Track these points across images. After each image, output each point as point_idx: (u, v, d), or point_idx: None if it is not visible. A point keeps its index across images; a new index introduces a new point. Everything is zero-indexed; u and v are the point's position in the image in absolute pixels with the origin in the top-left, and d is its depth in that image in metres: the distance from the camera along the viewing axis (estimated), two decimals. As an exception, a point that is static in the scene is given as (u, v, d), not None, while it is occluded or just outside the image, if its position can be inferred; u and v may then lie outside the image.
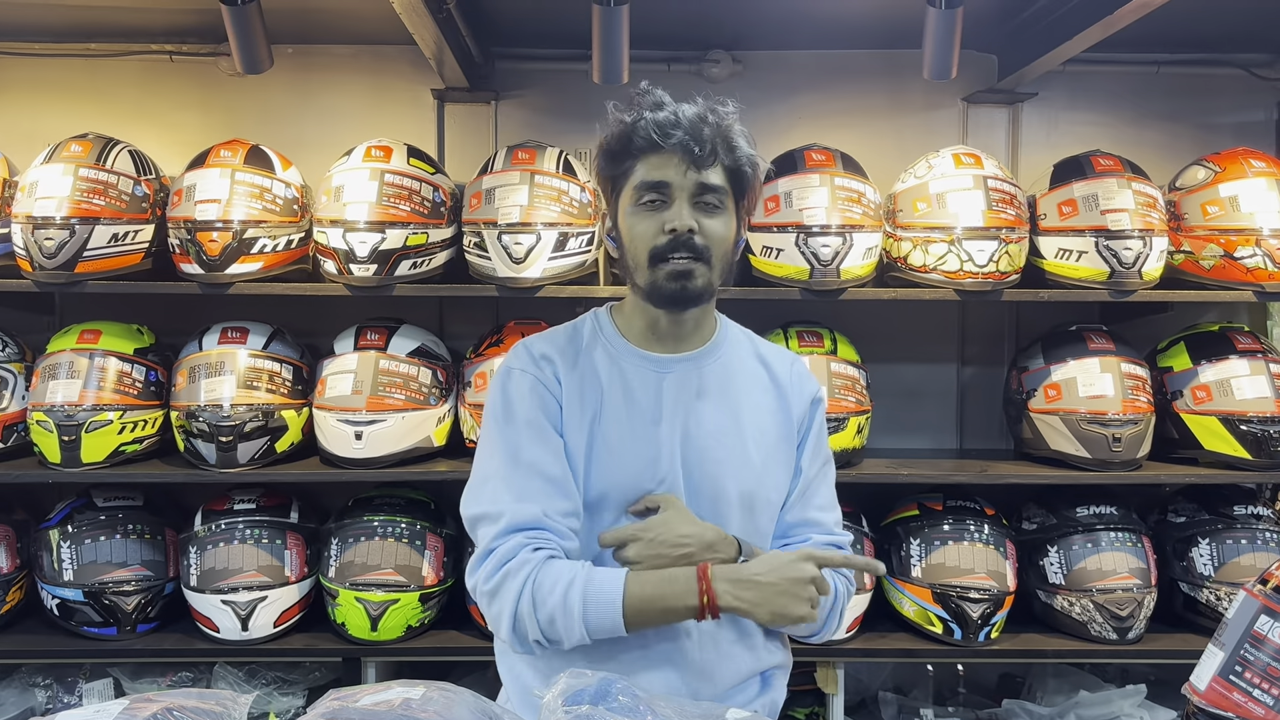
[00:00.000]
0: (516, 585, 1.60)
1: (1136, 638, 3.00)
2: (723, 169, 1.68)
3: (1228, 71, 3.59)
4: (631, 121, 1.67)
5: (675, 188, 1.65)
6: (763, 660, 1.79)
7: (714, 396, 1.75)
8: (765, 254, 3.02)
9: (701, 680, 1.70)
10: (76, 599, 2.96)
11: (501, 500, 1.66)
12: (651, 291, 1.69)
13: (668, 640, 1.70)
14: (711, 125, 1.66)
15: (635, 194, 1.68)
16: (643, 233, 1.67)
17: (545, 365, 1.74)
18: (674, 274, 1.65)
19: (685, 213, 1.65)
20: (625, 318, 1.80)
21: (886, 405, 3.34)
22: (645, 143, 1.65)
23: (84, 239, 2.89)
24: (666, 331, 1.76)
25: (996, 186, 3.00)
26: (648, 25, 2.92)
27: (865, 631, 3.08)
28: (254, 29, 2.83)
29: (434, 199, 3.00)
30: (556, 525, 1.65)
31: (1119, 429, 3.01)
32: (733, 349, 1.82)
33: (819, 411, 1.85)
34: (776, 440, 1.79)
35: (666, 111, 1.65)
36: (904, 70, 3.54)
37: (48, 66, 3.51)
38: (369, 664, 3.02)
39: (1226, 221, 3.03)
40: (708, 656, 1.71)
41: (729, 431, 1.73)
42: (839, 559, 1.69)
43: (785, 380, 1.82)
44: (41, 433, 2.95)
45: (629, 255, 1.71)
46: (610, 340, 1.78)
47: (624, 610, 1.58)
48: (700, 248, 1.65)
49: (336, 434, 2.97)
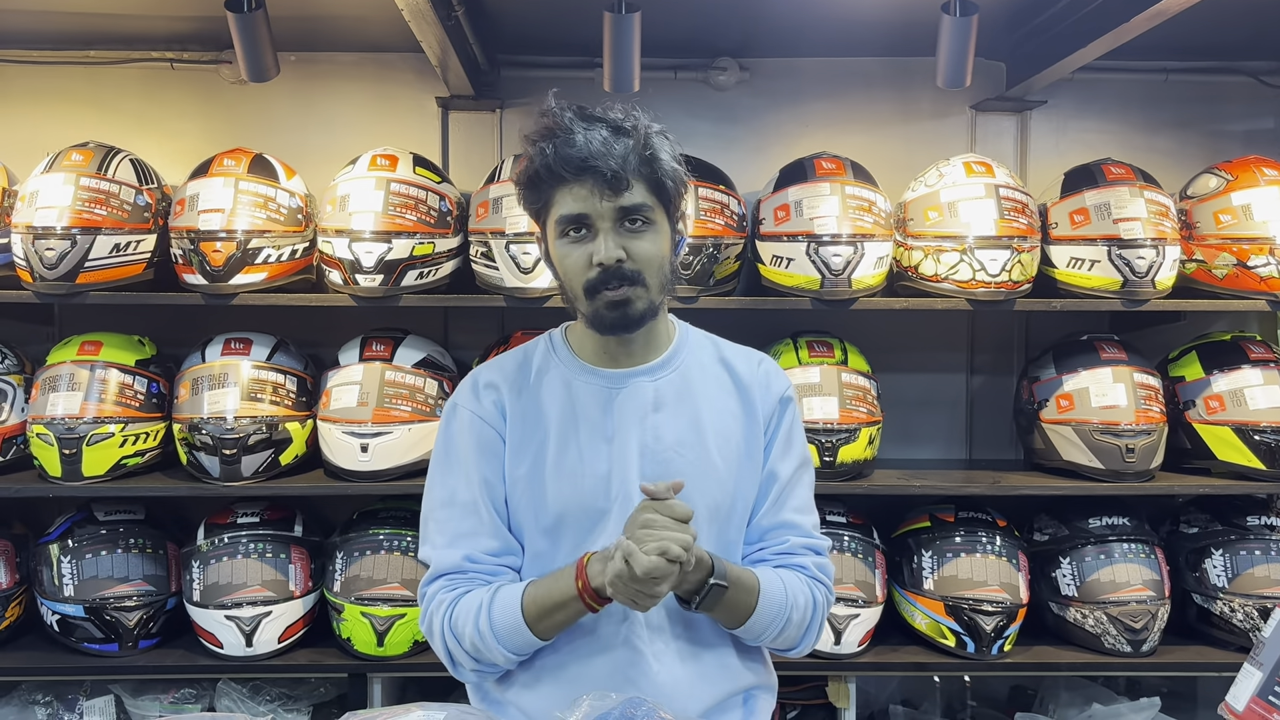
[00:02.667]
0: (439, 626, 1.67)
1: (1150, 650, 2.98)
2: (644, 185, 1.63)
3: (1237, 79, 3.57)
4: (536, 155, 1.62)
5: (595, 217, 1.61)
6: (740, 679, 1.76)
7: (672, 407, 1.72)
8: (775, 263, 2.99)
9: (673, 702, 1.65)
10: (77, 615, 2.91)
11: (434, 544, 1.73)
12: (594, 320, 1.67)
13: (630, 666, 1.67)
14: (623, 143, 1.61)
15: (558, 227, 1.64)
16: (572, 266, 1.64)
17: (488, 395, 1.74)
18: (611, 304, 1.63)
19: (610, 244, 1.61)
20: (578, 337, 1.78)
21: (896, 415, 3.31)
22: (554, 177, 1.61)
23: (85, 249, 2.85)
24: (617, 349, 1.74)
25: (1009, 195, 2.98)
26: (655, 33, 2.89)
27: (876, 645, 3.05)
28: (260, 36, 2.80)
29: (440, 208, 2.97)
30: (482, 565, 1.69)
31: (1132, 439, 2.98)
32: (692, 356, 1.78)
33: (789, 410, 1.79)
34: (742, 444, 1.75)
35: (577, 141, 1.59)
36: (912, 78, 3.52)
37: (48, 74, 3.47)
38: (375, 680, 2.97)
39: (1239, 230, 3.01)
40: (673, 676, 1.68)
41: (690, 442, 1.70)
42: (652, 487, 1.56)
43: (749, 380, 1.78)
44: (41, 446, 2.91)
45: (565, 286, 1.69)
46: (563, 360, 1.76)
47: (524, 616, 1.61)
48: (632, 273, 1.62)
49: (342, 446, 2.93)
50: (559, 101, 1.65)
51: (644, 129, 1.63)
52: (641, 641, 1.67)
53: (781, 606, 1.68)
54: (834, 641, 2.93)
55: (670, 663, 1.68)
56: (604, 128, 1.61)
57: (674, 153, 1.67)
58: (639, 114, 1.65)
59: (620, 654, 1.67)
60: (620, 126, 1.62)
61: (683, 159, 1.69)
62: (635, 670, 1.67)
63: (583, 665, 1.68)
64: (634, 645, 1.67)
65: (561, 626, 1.63)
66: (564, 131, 1.61)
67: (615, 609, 1.65)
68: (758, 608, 1.66)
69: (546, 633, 1.63)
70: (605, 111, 1.64)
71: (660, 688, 1.66)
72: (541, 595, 1.61)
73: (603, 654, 1.68)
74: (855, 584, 2.94)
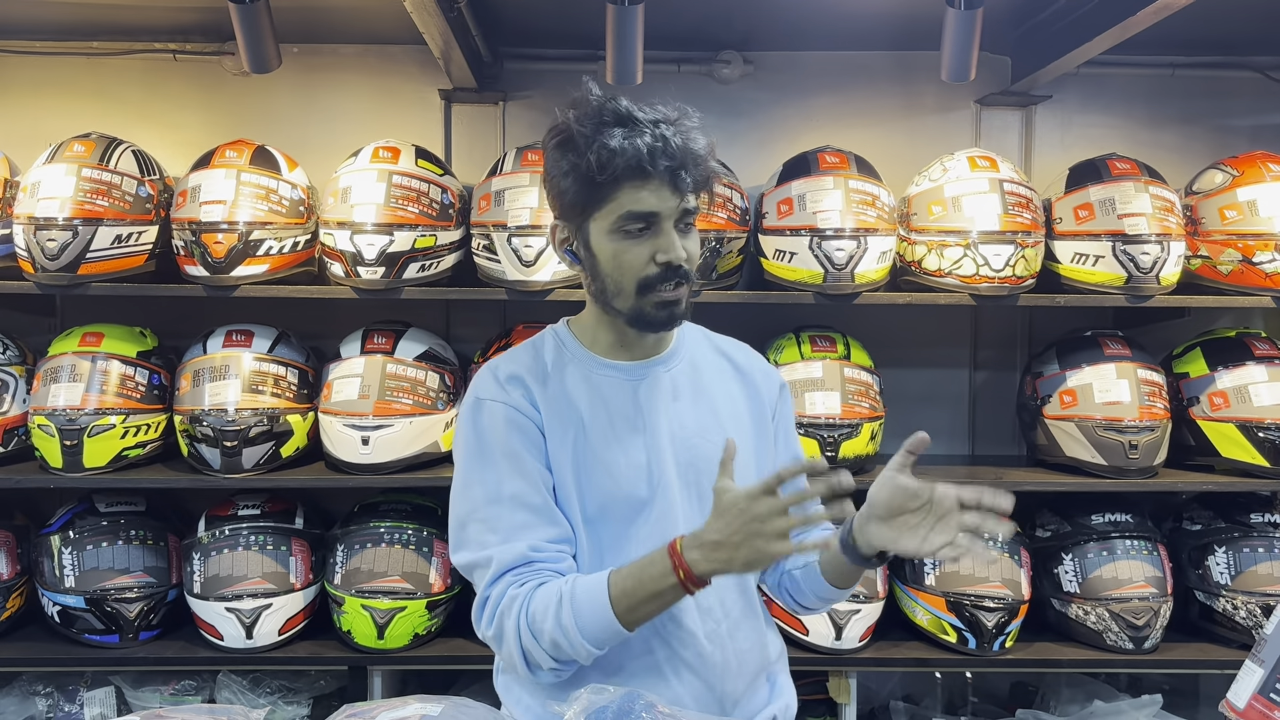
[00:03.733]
0: (513, 624, 1.58)
1: (1153, 647, 2.97)
2: (697, 186, 1.64)
3: (1243, 74, 3.55)
4: (614, 147, 1.57)
5: (664, 215, 1.61)
6: (770, 649, 1.81)
7: (688, 396, 1.76)
8: (778, 258, 2.98)
9: (726, 679, 1.70)
10: (78, 606, 2.91)
11: (488, 544, 1.63)
12: (635, 318, 1.66)
13: (686, 647, 1.68)
14: (692, 148, 1.61)
15: (619, 222, 1.61)
16: (631, 262, 1.62)
17: (515, 388, 1.69)
18: (663, 303, 1.64)
19: (678, 243, 1.62)
20: (587, 330, 1.76)
21: (899, 410, 3.29)
22: (630, 171, 1.57)
23: (87, 240, 2.85)
24: (634, 342, 1.74)
25: (1013, 190, 2.97)
26: (659, 25, 2.88)
27: (878, 640, 3.05)
28: (262, 28, 2.79)
29: (442, 201, 2.97)
30: (546, 554, 1.63)
31: (1136, 436, 2.97)
32: (694, 347, 1.82)
33: (786, 394, 1.88)
34: (751, 426, 1.80)
35: (649, 136, 1.57)
36: (916, 72, 3.50)
37: (50, 65, 3.46)
38: (375, 673, 2.97)
39: (1245, 226, 3.00)
40: (725, 655, 1.71)
41: (711, 427, 1.73)
42: (797, 467, 1.51)
43: (747, 367, 1.84)
44: (43, 437, 2.91)
45: (609, 281, 1.65)
46: (576, 354, 1.75)
47: (614, 609, 1.54)
48: (686, 273, 1.65)
49: (343, 439, 2.93)
50: (605, 89, 1.63)
51: (696, 134, 1.63)
52: (692, 621, 1.68)
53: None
54: (835, 637, 2.92)
55: (723, 640, 1.71)
56: (669, 127, 1.60)
57: (714, 154, 1.67)
58: (689, 114, 1.64)
59: (674, 636, 1.68)
60: (683, 127, 1.61)
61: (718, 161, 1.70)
62: (691, 652, 1.68)
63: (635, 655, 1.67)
64: (687, 627, 1.68)
65: (653, 616, 1.58)
66: (632, 124, 1.58)
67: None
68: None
69: (636, 623, 1.57)
70: (656, 107, 1.62)
71: (714, 668, 1.69)
72: (632, 586, 1.54)
73: (656, 638, 1.67)
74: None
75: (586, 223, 1.64)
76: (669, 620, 1.66)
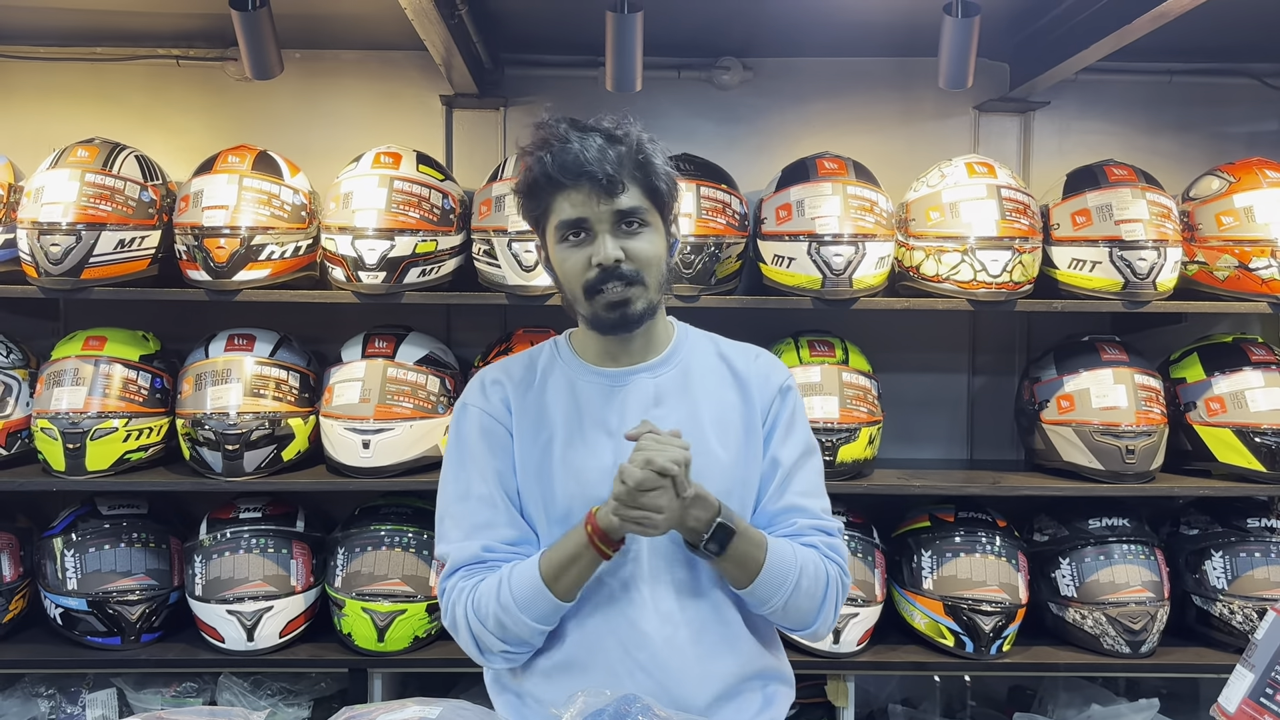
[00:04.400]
0: (462, 613, 1.71)
1: (1149, 651, 2.98)
2: (639, 189, 1.69)
3: (1241, 81, 3.57)
4: (534, 165, 1.69)
5: (593, 220, 1.68)
6: (754, 662, 1.78)
7: (672, 401, 1.78)
8: (777, 263, 2.99)
9: (683, 686, 1.70)
10: (80, 608, 2.93)
11: (450, 540, 1.76)
12: (594, 322, 1.74)
13: (639, 649, 1.70)
14: (617, 149, 1.67)
15: (558, 232, 1.71)
16: (572, 269, 1.71)
17: (495, 392, 1.81)
18: (610, 304, 1.69)
19: (609, 245, 1.68)
20: (581, 340, 1.85)
21: (897, 415, 3.31)
22: (552, 183, 1.67)
23: (90, 245, 2.87)
24: (618, 350, 1.80)
25: (1010, 196, 2.98)
26: (658, 32, 2.90)
27: (875, 644, 3.06)
28: (265, 34, 2.81)
29: (443, 206, 2.98)
30: (499, 554, 1.73)
31: (1132, 441, 2.98)
32: (691, 353, 1.84)
33: (789, 399, 1.84)
34: (742, 434, 1.79)
35: (572, 149, 1.65)
36: (915, 78, 3.52)
37: (53, 70, 3.48)
38: (375, 675, 2.99)
39: (1241, 232, 3.01)
40: (684, 659, 1.71)
41: (690, 435, 1.72)
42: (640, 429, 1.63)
43: (746, 373, 1.84)
44: (46, 440, 2.92)
45: (566, 289, 1.75)
46: (567, 361, 1.83)
47: (543, 578, 1.65)
48: (630, 273, 1.68)
49: (344, 443, 2.95)
50: (553, 114, 1.72)
51: (636, 136, 1.71)
52: (648, 624, 1.71)
53: (790, 566, 1.70)
54: (833, 640, 2.93)
55: (681, 645, 1.72)
56: (598, 136, 1.68)
57: (666, 158, 1.74)
58: (631, 122, 1.72)
59: (628, 638, 1.71)
60: (613, 134, 1.69)
61: (674, 165, 1.76)
62: (644, 654, 1.70)
63: (592, 653, 1.72)
64: (640, 628, 1.71)
65: (578, 581, 1.67)
66: (559, 140, 1.68)
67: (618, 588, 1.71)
68: (765, 563, 1.68)
69: (565, 591, 1.66)
70: (598, 121, 1.71)
71: (670, 672, 1.70)
72: (555, 553, 1.66)
73: (612, 639, 1.71)
74: (855, 583, 2.94)
75: (544, 237, 1.76)
76: (625, 623, 1.71)
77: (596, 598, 1.72)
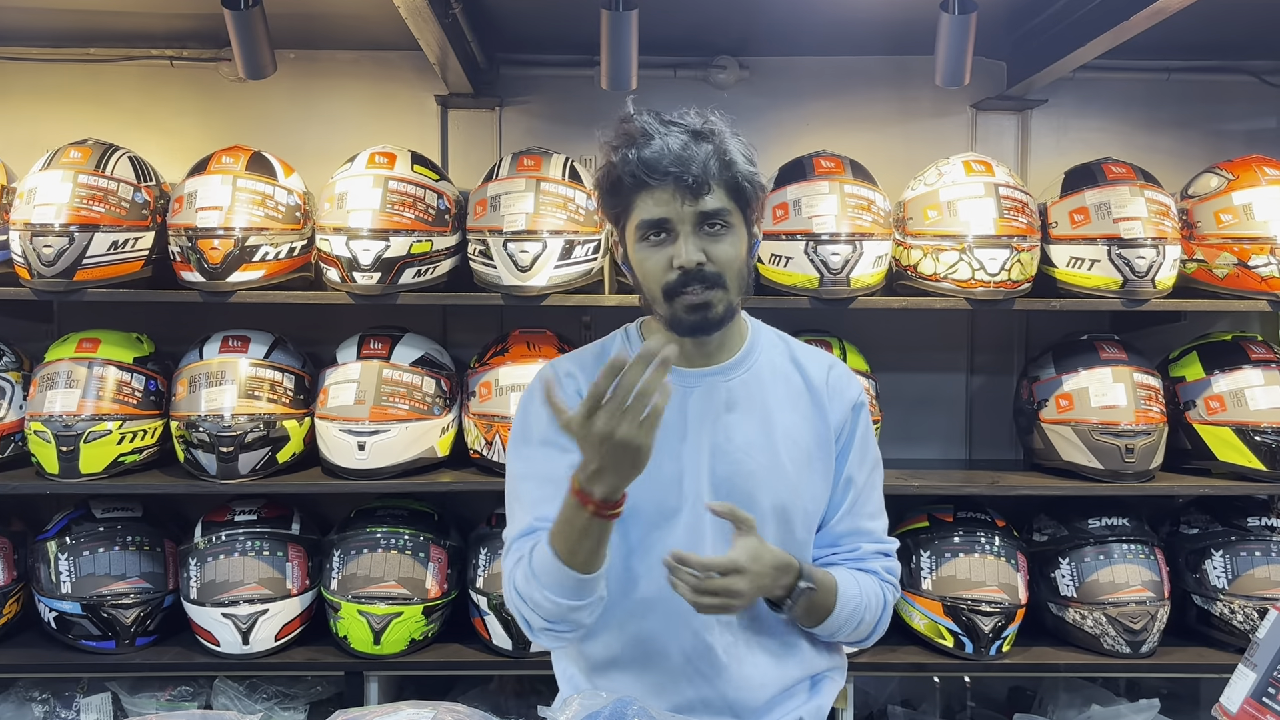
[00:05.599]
0: (509, 587, 1.68)
1: (1150, 651, 2.97)
2: (723, 189, 1.64)
3: (1239, 78, 3.56)
4: (618, 162, 1.64)
5: (675, 221, 1.63)
6: (810, 664, 1.80)
7: (743, 408, 1.74)
8: (774, 262, 2.98)
9: (741, 691, 1.72)
10: (74, 612, 2.91)
11: (514, 516, 1.73)
12: (672, 323, 1.68)
13: (700, 658, 1.71)
14: (703, 148, 1.62)
15: (638, 231, 1.66)
16: (652, 270, 1.66)
17: (568, 383, 1.76)
18: (690, 307, 1.65)
19: (690, 247, 1.63)
20: (654, 334, 1.79)
21: (895, 414, 3.30)
22: (636, 182, 1.63)
23: (83, 246, 2.85)
24: (692, 350, 1.74)
25: (1008, 194, 2.97)
26: (654, 31, 2.89)
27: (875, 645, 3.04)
28: (257, 34, 2.80)
29: (438, 206, 2.97)
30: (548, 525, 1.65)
31: (1132, 440, 2.97)
32: (765, 356, 1.79)
33: (862, 416, 1.80)
34: (812, 448, 1.75)
35: (653, 147, 1.61)
36: (912, 76, 3.51)
37: (47, 71, 3.47)
38: (371, 678, 2.97)
39: (1240, 230, 3.00)
40: (743, 669, 1.72)
41: (759, 444, 1.71)
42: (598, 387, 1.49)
43: (821, 385, 1.78)
44: (39, 443, 2.91)
45: (645, 289, 1.70)
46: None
47: (554, 550, 1.57)
48: (712, 275, 1.64)
49: (339, 444, 2.93)
50: (637, 107, 1.67)
51: (721, 133, 1.65)
52: (711, 635, 1.71)
53: (858, 607, 1.73)
54: (832, 641, 2.92)
55: (740, 654, 1.72)
56: (682, 132, 1.63)
57: (749, 155, 1.68)
58: (715, 118, 1.67)
59: (690, 647, 1.71)
60: (699, 131, 1.64)
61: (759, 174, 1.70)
62: (705, 663, 1.71)
63: (650, 656, 1.72)
64: (703, 639, 1.71)
65: (586, 548, 1.57)
66: (644, 137, 1.63)
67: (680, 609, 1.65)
68: (836, 608, 1.70)
69: (575, 560, 1.57)
70: (682, 116, 1.66)
71: (729, 679, 1.71)
72: (561, 525, 1.57)
73: (674, 645, 1.71)
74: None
75: (623, 234, 1.71)
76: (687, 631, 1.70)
77: (658, 600, 1.68)
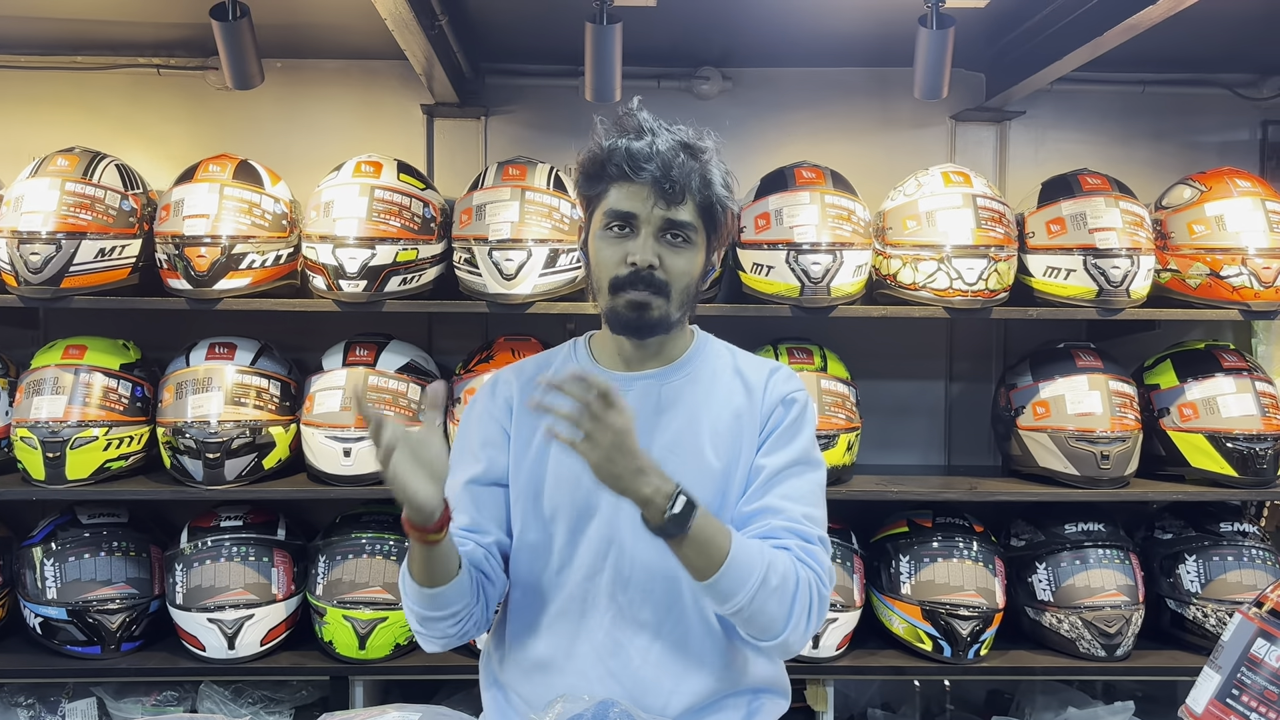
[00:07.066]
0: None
1: (1125, 655, 3.01)
2: (694, 205, 1.67)
3: (1213, 91, 3.62)
4: (608, 147, 1.68)
5: (642, 220, 1.66)
6: (741, 678, 1.76)
7: (674, 409, 1.76)
8: (755, 271, 3.02)
9: (653, 697, 1.70)
10: (60, 617, 2.92)
11: None
12: (610, 316, 1.72)
13: (611, 657, 1.71)
14: (686, 161, 1.65)
15: (604, 219, 1.70)
16: (607, 259, 1.69)
17: (502, 390, 1.83)
18: (631, 304, 1.68)
19: (648, 247, 1.66)
20: (599, 342, 1.85)
21: (875, 422, 3.35)
22: (618, 170, 1.66)
23: (70, 254, 2.87)
24: (631, 353, 1.79)
25: (986, 205, 3.02)
26: (638, 42, 2.92)
27: (854, 649, 3.08)
28: (245, 44, 2.82)
29: (424, 215, 2.99)
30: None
31: (1107, 446, 3.02)
32: (705, 363, 1.81)
33: (792, 410, 1.75)
34: (740, 442, 1.74)
35: (643, 142, 1.65)
36: (893, 88, 3.55)
37: (34, 79, 3.48)
38: (357, 683, 2.99)
39: (1213, 240, 3.05)
40: (656, 672, 1.71)
41: (685, 443, 1.73)
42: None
43: (759, 387, 1.78)
44: (25, 449, 2.92)
45: (594, 278, 1.74)
46: (581, 362, 1.83)
47: (407, 561, 1.64)
48: (660, 282, 1.67)
49: (325, 451, 2.95)
50: (641, 105, 1.71)
51: (710, 154, 1.69)
52: (624, 635, 1.71)
53: (757, 559, 1.57)
54: (812, 645, 2.95)
55: (656, 657, 1.71)
56: (675, 140, 1.67)
57: (728, 183, 1.71)
58: (710, 141, 1.70)
59: (603, 645, 1.72)
60: (691, 145, 1.67)
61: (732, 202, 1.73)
62: (616, 662, 1.71)
63: (567, 656, 1.73)
64: (615, 638, 1.72)
65: (419, 564, 1.61)
66: (638, 131, 1.67)
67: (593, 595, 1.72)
68: (730, 553, 1.55)
69: (419, 574, 1.61)
70: (683, 126, 1.70)
71: (640, 682, 1.70)
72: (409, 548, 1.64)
73: (586, 644, 1.72)
74: (834, 589, 2.96)
75: (589, 219, 1.75)
76: (599, 630, 1.72)
77: (571, 602, 1.73)
